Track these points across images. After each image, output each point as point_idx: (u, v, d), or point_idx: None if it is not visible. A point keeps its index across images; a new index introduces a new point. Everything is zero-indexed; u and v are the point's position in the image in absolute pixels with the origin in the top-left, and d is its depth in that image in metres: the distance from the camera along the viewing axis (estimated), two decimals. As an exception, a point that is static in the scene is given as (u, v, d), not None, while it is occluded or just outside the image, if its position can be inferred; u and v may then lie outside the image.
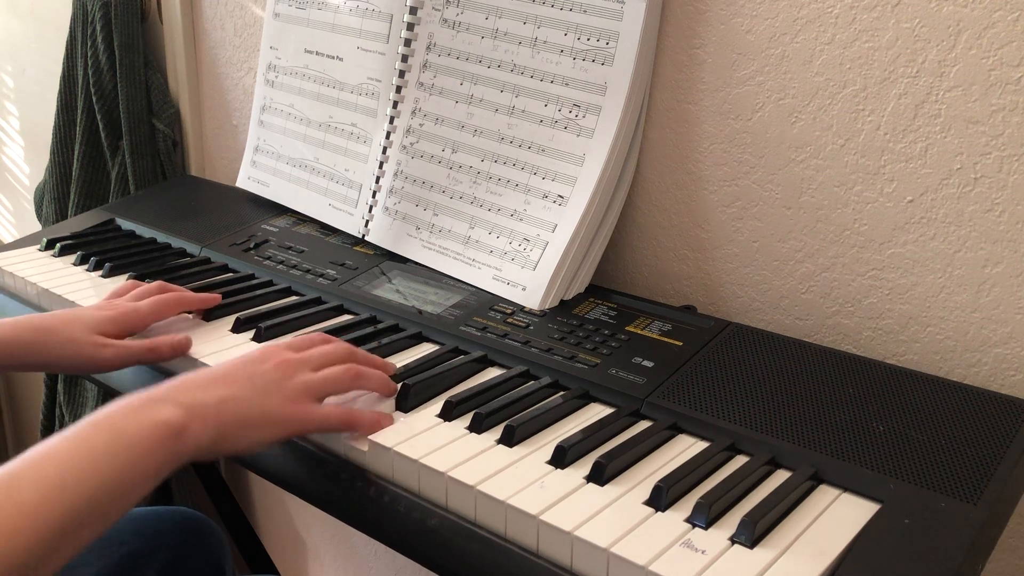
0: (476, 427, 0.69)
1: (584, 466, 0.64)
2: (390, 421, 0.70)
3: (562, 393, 0.74)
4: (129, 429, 0.57)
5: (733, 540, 0.57)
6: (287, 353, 0.70)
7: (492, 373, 0.79)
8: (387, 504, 0.65)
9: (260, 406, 0.65)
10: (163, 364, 0.83)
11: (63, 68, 1.44)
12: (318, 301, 0.93)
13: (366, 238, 1.02)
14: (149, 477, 0.58)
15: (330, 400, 0.70)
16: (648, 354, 0.77)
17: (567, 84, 0.87)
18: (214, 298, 0.90)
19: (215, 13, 1.33)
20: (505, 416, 0.70)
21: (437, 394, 0.74)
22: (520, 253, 0.89)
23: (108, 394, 0.74)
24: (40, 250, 1.09)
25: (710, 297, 0.91)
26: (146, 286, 0.88)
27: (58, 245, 1.08)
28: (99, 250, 1.07)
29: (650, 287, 0.95)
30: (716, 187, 0.88)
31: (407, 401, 0.72)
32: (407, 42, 0.99)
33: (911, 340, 0.79)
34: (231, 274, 1.01)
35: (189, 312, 0.89)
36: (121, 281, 0.98)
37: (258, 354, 0.69)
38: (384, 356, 0.80)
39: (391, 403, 0.73)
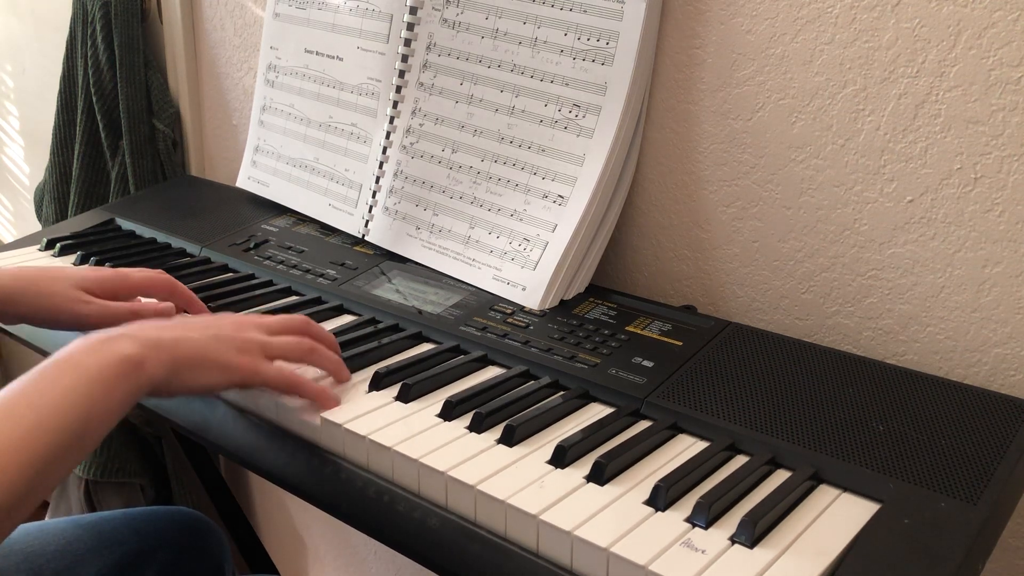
0: (476, 427, 0.69)
1: (584, 466, 0.64)
2: (337, 402, 0.72)
3: (562, 393, 0.74)
4: (93, 365, 0.59)
5: (733, 540, 0.57)
6: (246, 317, 0.73)
7: (492, 373, 0.79)
8: (387, 504, 0.65)
9: (213, 350, 0.68)
10: None
11: (63, 68, 1.44)
12: (318, 301, 0.93)
13: (366, 238, 1.02)
14: (115, 410, 0.60)
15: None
16: (648, 354, 0.77)
17: (567, 84, 0.87)
18: (200, 307, 0.87)
19: (215, 13, 1.33)
20: (505, 416, 0.70)
21: (434, 389, 0.75)
22: (520, 253, 0.89)
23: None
24: (40, 250, 1.09)
25: (710, 297, 0.91)
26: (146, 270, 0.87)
27: (58, 245, 1.08)
28: (99, 250, 1.07)
29: (650, 287, 0.95)
30: (716, 187, 0.88)
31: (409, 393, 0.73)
32: (407, 42, 0.99)
33: (911, 340, 0.79)
34: (231, 274, 1.00)
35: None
36: (121, 281, 0.98)
37: (219, 315, 0.74)
38: (384, 356, 0.80)
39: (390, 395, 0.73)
